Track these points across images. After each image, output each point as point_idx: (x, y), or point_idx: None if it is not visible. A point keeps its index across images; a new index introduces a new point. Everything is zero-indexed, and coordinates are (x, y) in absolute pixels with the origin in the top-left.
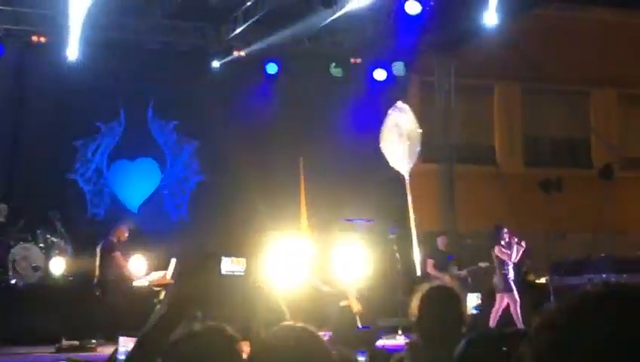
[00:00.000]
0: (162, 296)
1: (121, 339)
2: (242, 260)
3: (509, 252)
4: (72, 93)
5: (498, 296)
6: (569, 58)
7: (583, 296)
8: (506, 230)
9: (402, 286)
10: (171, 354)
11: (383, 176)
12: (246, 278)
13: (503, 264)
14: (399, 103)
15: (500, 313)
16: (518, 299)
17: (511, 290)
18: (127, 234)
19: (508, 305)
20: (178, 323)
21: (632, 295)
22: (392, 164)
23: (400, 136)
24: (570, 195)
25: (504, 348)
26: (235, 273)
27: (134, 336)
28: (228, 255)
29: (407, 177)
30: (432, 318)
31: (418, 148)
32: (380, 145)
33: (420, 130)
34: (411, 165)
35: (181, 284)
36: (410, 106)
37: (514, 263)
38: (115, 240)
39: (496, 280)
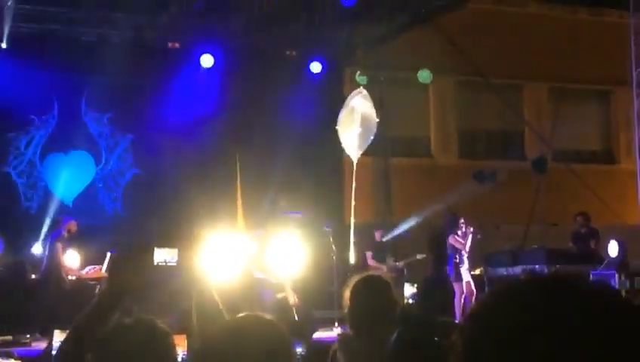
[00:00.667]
0: (97, 289)
1: (56, 333)
2: (174, 251)
3: (463, 241)
4: (4, 85)
5: (455, 286)
6: (502, 52)
7: (504, 285)
8: (462, 220)
9: (338, 278)
10: (101, 347)
11: (319, 169)
12: (179, 269)
13: (455, 253)
14: (361, 89)
15: (461, 303)
16: (464, 290)
17: (460, 280)
18: (76, 228)
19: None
20: (110, 316)
21: (551, 284)
22: (344, 147)
23: (356, 121)
24: (503, 187)
25: (435, 338)
26: (169, 263)
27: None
28: (160, 245)
29: (355, 163)
30: (361, 308)
31: (372, 136)
32: (337, 126)
33: (377, 119)
34: (361, 151)
35: (112, 276)
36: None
37: (467, 253)
38: (65, 233)
39: (449, 269)
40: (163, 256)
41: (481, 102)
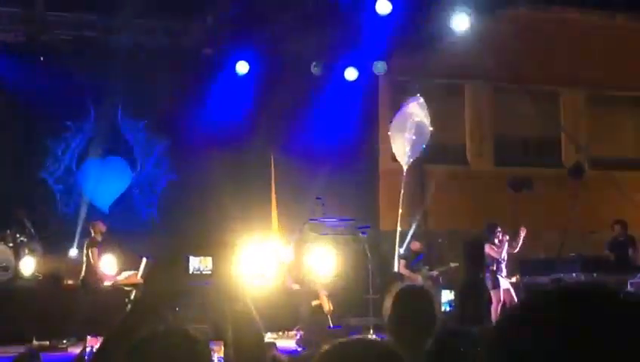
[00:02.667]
0: (133, 295)
1: (89, 339)
2: (209, 259)
3: (499, 250)
4: (42, 91)
5: (492, 294)
6: (540, 58)
7: (535, 295)
8: (499, 229)
9: (373, 286)
10: (133, 355)
11: (355, 175)
12: (213, 277)
13: (492, 261)
14: (418, 97)
15: (498, 310)
16: (502, 298)
17: (496, 287)
18: (104, 229)
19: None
20: (143, 324)
21: (580, 294)
22: (395, 153)
23: (410, 128)
24: (539, 195)
25: (473, 347)
26: (203, 272)
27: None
28: (195, 254)
29: (405, 170)
30: (404, 318)
31: (424, 145)
32: (389, 132)
33: (432, 128)
34: (412, 159)
35: (147, 284)
36: (381, 106)
37: (504, 261)
38: (95, 235)
39: (487, 277)
40: (197, 264)
41: (518, 108)
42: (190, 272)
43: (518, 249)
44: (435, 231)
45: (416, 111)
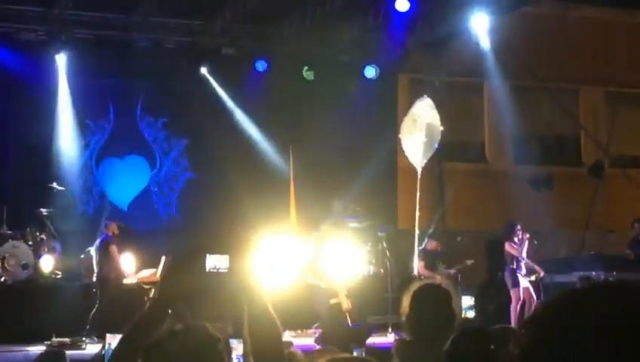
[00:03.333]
0: (152, 293)
1: (109, 337)
2: (225, 257)
3: (519, 248)
4: (61, 90)
5: (511, 292)
6: (558, 56)
7: (565, 292)
8: (519, 227)
9: (392, 284)
10: (151, 353)
11: (373, 173)
12: (231, 275)
13: (512, 260)
14: (425, 97)
15: (518, 309)
16: (522, 297)
17: (516, 286)
18: (117, 229)
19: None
20: (161, 322)
21: (612, 290)
22: (407, 156)
23: (420, 129)
24: (559, 193)
25: (491, 346)
26: (220, 270)
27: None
28: (212, 251)
29: (419, 171)
30: (423, 317)
31: (436, 145)
32: (399, 135)
33: (442, 128)
34: (425, 160)
35: (163, 282)
36: (400, 104)
37: (526, 260)
38: (111, 234)
39: (506, 275)
40: (214, 262)
41: (537, 106)
42: (207, 270)
43: (524, 254)
44: (454, 230)
45: (425, 111)
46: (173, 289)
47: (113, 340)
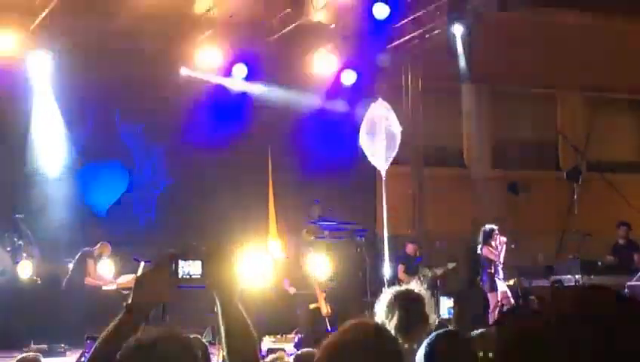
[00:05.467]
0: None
1: (88, 344)
2: (198, 263)
3: (497, 252)
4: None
5: (489, 296)
6: (538, 60)
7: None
8: (497, 231)
9: (371, 289)
10: (128, 359)
11: (353, 178)
12: (204, 281)
13: (490, 264)
14: (379, 100)
15: (496, 313)
16: (499, 301)
17: (494, 290)
18: (109, 253)
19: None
20: (136, 329)
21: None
22: (370, 159)
23: (379, 132)
24: (537, 197)
25: (468, 347)
26: (193, 276)
27: None
28: (184, 257)
29: (383, 175)
30: (397, 320)
31: (397, 146)
32: (359, 140)
33: (401, 128)
34: (389, 163)
35: (137, 289)
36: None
37: (502, 263)
38: (96, 253)
39: (484, 279)
40: (187, 268)
41: (515, 111)
42: (180, 276)
43: (501, 258)
44: (432, 234)
45: (382, 113)
46: (146, 296)
47: (90, 347)
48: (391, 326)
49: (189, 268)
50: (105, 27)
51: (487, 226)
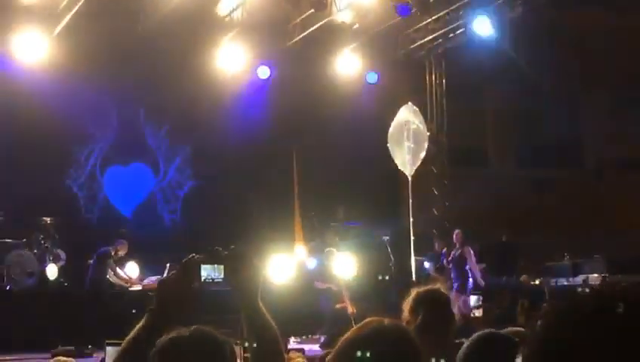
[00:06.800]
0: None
1: (108, 349)
2: (220, 267)
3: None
4: (65, 98)
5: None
6: (560, 60)
7: (570, 301)
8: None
9: (396, 288)
10: (158, 358)
11: (377, 178)
12: (227, 285)
13: (465, 264)
14: (409, 104)
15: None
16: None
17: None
18: (125, 252)
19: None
20: (160, 333)
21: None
22: (397, 163)
23: (407, 136)
24: (562, 196)
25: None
26: (215, 280)
27: None
28: (207, 261)
29: (409, 177)
30: (421, 320)
31: (424, 150)
32: (387, 144)
33: (428, 133)
34: (415, 166)
35: (160, 293)
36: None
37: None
38: (112, 251)
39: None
40: (210, 272)
41: (540, 110)
42: (203, 280)
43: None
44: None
45: (410, 117)
46: (170, 299)
47: (115, 348)
48: (415, 325)
49: (212, 272)
50: (129, 29)
51: (463, 231)
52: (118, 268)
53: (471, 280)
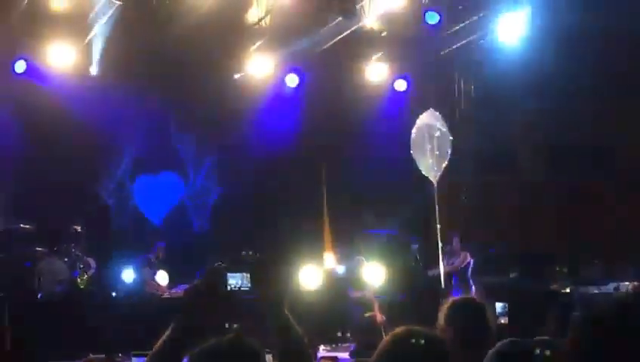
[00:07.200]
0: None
1: (134, 360)
2: (246, 275)
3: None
4: (95, 107)
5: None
6: (591, 63)
7: (605, 305)
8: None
9: (426, 297)
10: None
11: (406, 185)
12: (253, 292)
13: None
14: (431, 110)
15: None
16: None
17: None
18: (164, 253)
19: None
20: (185, 342)
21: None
22: (421, 170)
23: (430, 143)
24: (592, 204)
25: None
26: (242, 288)
27: None
28: (233, 270)
29: (435, 184)
30: (458, 330)
31: (448, 155)
32: (411, 150)
33: (451, 138)
34: (440, 173)
35: (185, 302)
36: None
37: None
38: (153, 258)
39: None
40: (236, 280)
41: (570, 116)
42: (229, 289)
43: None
44: (485, 242)
45: (432, 122)
46: (196, 309)
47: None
48: (450, 336)
49: (238, 281)
50: (159, 38)
51: (452, 233)
52: (151, 275)
53: (473, 287)
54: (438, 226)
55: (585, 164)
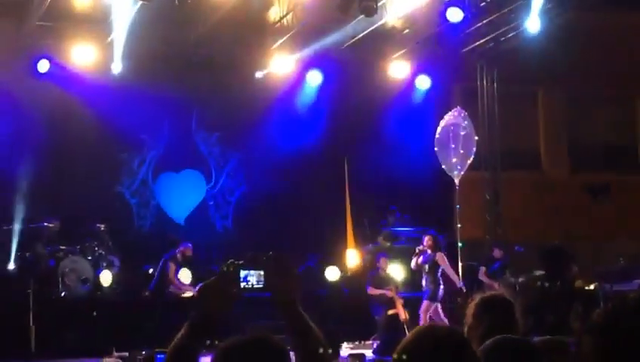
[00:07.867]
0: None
1: (158, 358)
2: (260, 273)
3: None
4: (117, 106)
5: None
6: (615, 63)
7: (624, 300)
8: (441, 237)
9: (448, 294)
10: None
11: (430, 183)
12: (267, 290)
13: (438, 269)
14: (458, 108)
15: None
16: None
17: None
18: (190, 253)
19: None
20: (200, 339)
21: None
22: (444, 167)
23: (454, 141)
24: (616, 201)
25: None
26: (255, 286)
27: None
28: (246, 267)
29: (457, 183)
30: (485, 326)
31: (472, 156)
32: (435, 148)
33: (476, 138)
34: (463, 171)
35: (199, 299)
36: None
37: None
38: (179, 255)
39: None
40: (249, 278)
41: (593, 113)
42: (242, 286)
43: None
44: (510, 239)
45: (459, 122)
46: (210, 305)
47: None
48: (479, 333)
49: (252, 278)
50: (181, 37)
51: (435, 233)
52: (175, 273)
53: (442, 287)
54: (459, 225)
55: (609, 162)
